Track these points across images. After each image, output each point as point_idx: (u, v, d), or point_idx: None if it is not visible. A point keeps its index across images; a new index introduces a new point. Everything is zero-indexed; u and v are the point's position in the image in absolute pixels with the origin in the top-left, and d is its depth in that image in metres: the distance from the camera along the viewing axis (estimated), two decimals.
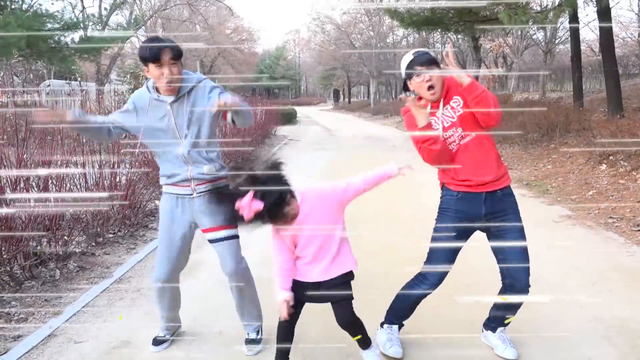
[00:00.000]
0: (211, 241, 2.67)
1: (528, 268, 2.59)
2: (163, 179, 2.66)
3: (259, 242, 3.37)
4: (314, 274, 2.36)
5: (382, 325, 2.80)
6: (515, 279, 2.57)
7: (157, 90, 2.54)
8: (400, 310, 2.75)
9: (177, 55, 2.43)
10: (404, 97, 2.54)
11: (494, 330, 2.74)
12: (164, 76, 2.42)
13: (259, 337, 2.82)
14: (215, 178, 2.61)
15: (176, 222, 2.66)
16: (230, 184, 2.27)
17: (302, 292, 2.39)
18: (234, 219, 2.23)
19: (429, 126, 2.44)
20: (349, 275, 2.40)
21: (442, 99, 2.52)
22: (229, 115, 2.51)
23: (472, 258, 3.67)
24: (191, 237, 2.75)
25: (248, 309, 2.81)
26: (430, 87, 2.48)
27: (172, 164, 2.59)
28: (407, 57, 2.53)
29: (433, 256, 2.60)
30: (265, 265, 2.98)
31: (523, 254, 2.58)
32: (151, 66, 2.42)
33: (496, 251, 2.60)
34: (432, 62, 2.48)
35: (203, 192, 2.61)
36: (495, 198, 2.55)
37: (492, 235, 2.60)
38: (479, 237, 2.65)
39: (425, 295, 2.65)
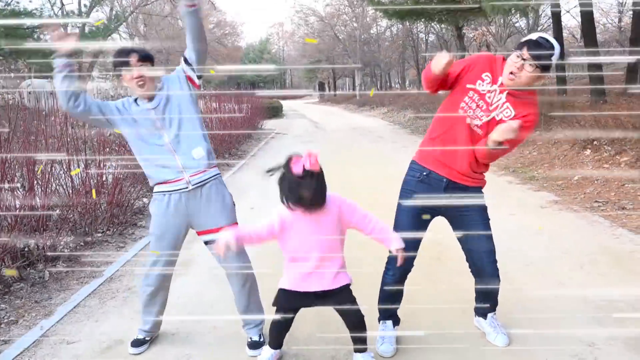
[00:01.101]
0: (208, 243, 2.60)
1: (493, 259, 2.57)
2: (152, 180, 2.60)
3: None
4: (321, 281, 2.33)
5: (378, 321, 2.78)
6: (481, 270, 2.57)
7: (136, 102, 2.56)
8: (383, 302, 2.72)
9: (144, 57, 2.50)
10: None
11: (484, 316, 2.77)
12: (135, 77, 2.47)
13: (262, 340, 2.76)
14: (207, 167, 2.57)
15: (170, 228, 2.60)
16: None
17: (300, 302, 2.39)
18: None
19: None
20: (348, 286, 2.41)
21: (507, 91, 2.37)
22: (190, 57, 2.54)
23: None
24: (182, 241, 2.71)
25: (251, 309, 2.75)
26: (512, 77, 2.32)
27: (160, 160, 2.54)
28: (535, 34, 2.33)
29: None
30: (259, 260, 2.97)
31: (486, 246, 2.54)
32: (124, 71, 2.49)
33: (460, 240, 2.60)
34: (543, 61, 2.26)
35: (198, 184, 2.55)
36: (457, 188, 2.48)
37: (453, 224, 2.59)
38: None
39: (397, 281, 2.62)
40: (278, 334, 2.53)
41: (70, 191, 4.86)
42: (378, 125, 17.80)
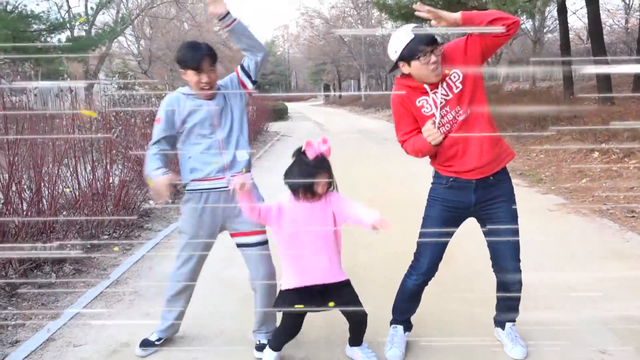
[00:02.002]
0: (241, 245, 2.63)
1: (517, 254, 2.52)
2: (193, 174, 2.55)
3: None
4: (317, 274, 2.34)
5: (390, 324, 2.75)
6: (503, 267, 2.52)
7: (189, 96, 2.57)
8: (400, 306, 2.69)
9: (215, 61, 2.51)
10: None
11: (502, 326, 2.71)
12: (202, 82, 2.48)
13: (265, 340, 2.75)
14: (247, 170, 2.59)
15: (204, 229, 2.60)
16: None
17: (303, 300, 2.37)
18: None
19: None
20: (349, 283, 2.44)
21: (438, 81, 2.36)
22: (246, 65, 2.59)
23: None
24: (212, 245, 2.70)
25: (269, 317, 2.73)
26: (435, 68, 2.30)
27: (206, 155, 2.53)
28: (403, 36, 2.30)
29: (422, 246, 2.56)
30: None
31: (513, 243, 2.50)
32: (190, 72, 2.48)
33: (486, 236, 2.56)
34: (435, 40, 2.29)
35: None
36: (487, 185, 2.44)
37: (482, 221, 2.55)
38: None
39: (418, 287, 2.59)
40: (284, 337, 2.52)
41: (77, 194, 4.86)
42: (383, 127, 17.77)
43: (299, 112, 31.31)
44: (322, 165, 2.30)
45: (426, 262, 2.53)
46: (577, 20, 30.63)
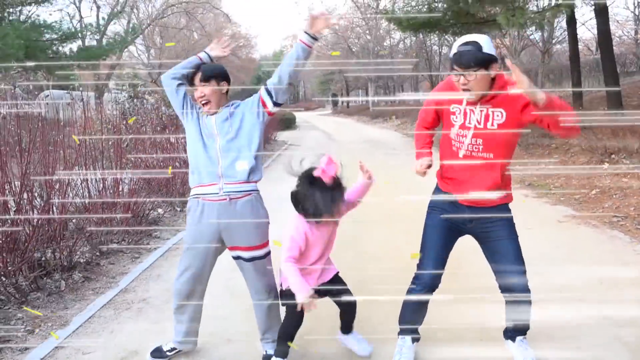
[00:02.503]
0: (238, 258, 2.61)
1: (523, 273, 2.47)
2: (192, 181, 2.61)
3: None
4: (318, 275, 2.47)
5: (398, 335, 2.74)
6: (509, 286, 2.47)
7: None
8: (405, 316, 2.68)
9: (207, 77, 2.56)
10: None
11: (513, 339, 2.68)
12: (196, 96, 2.59)
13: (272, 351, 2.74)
14: (245, 181, 2.53)
15: (201, 239, 2.57)
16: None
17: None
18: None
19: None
20: (338, 273, 2.64)
21: (480, 101, 2.30)
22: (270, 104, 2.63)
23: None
24: (215, 256, 2.66)
25: (272, 324, 2.72)
26: (466, 90, 2.26)
27: (203, 163, 2.54)
28: (455, 45, 2.26)
29: (423, 257, 2.55)
30: None
31: (515, 258, 2.45)
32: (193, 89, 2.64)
33: (487, 257, 2.55)
34: (476, 63, 2.18)
35: (231, 193, 2.50)
36: (483, 210, 2.45)
37: (480, 241, 2.55)
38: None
39: (422, 297, 2.57)
40: (289, 333, 2.56)
41: (87, 202, 4.90)
42: (391, 137, 17.77)
43: (307, 121, 31.39)
44: (339, 186, 2.35)
45: (430, 274, 2.51)
46: (586, 31, 30.56)
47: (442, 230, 2.51)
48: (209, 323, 3.23)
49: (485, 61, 2.20)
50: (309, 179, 2.32)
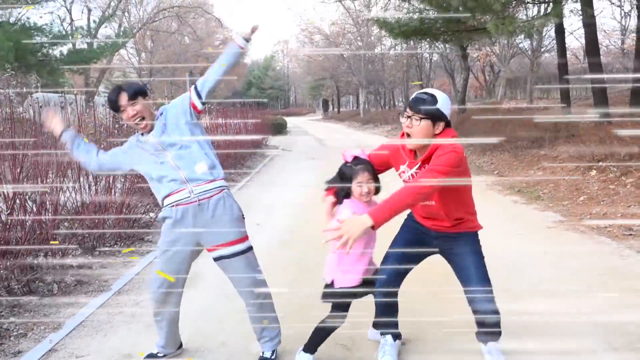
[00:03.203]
0: (220, 258, 2.61)
1: (489, 298, 2.51)
2: (160, 195, 2.63)
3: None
4: (364, 272, 2.51)
5: (380, 334, 2.83)
6: (477, 308, 2.52)
7: (142, 134, 2.68)
8: (378, 317, 2.79)
9: (134, 94, 2.58)
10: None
11: (485, 342, 2.73)
12: (130, 116, 2.59)
13: (273, 357, 2.75)
14: (211, 179, 2.58)
15: (177, 243, 2.59)
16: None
17: (353, 295, 2.53)
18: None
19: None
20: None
21: (420, 161, 2.41)
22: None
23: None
24: (191, 262, 2.69)
25: (264, 324, 2.73)
26: (407, 135, 2.42)
27: (166, 176, 2.57)
28: (417, 92, 2.43)
29: (383, 261, 2.65)
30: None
31: (480, 278, 2.50)
32: (121, 114, 2.64)
33: (455, 274, 2.62)
34: (425, 112, 2.33)
35: (202, 193, 2.54)
36: (448, 238, 2.55)
37: (446, 258, 2.64)
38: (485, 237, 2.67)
39: (384, 299, 2.65)
40: (324, 336, 2.64)
41: (79, 205, 4.89)
42: (382, 142, 17.85)
43: (298, 126, 31.46)
44: (360, 162, 2.49)
45: (384, 278, 2.59)
46: (574, 41, 31.02)
47: (408, 237, 2.67)
48: (204, 326, 3.25)
49: (434, 115, 2.34)
50: (340, 168, 2.55)
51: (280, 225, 5.95)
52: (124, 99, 2.56)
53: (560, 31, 12.79)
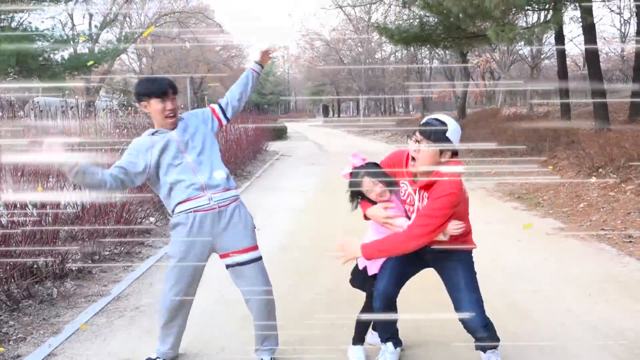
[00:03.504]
0: (234, 265, 2.61)
1: (480, 313, 2.46)
2: (175, 199, 2.58)
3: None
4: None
5: (381, 341, 2.81)
6: (467, 323, 2.49)
7: (153, 134, 2.65)
8: (377, 324, 2.81)
9: (176, 91, 2.67)
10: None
11: (483, 350, 2.71)
12: (167, 109, 2.60)
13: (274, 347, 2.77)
14: (228, 188, 2.63)
15: (193, 250, 2.59)
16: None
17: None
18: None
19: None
20: None
21: (421, 186, 2.42)
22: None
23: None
24: (203, 269, 2.69)
25: (270, 330, 2.74)
26: (413, 159, 2.42)
27: (184, 180, 2.56)
28: (428, 116, 2.44)
29: (380, 271, 2.64)
30: None
31: (469, 290, 2.49)
32: (153, 101, 2.59)
33: (446, 287, 2.61)
34: (434, 139, 2.33)
35: (220, 201, 2.57)
36: (441, 252, 2.52)
37: (438, 272, 2.64)
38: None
39: (382, 305, 2.61)
40: (367, 324, 2.79)
41: (80, 210, 4.89)
42: (382, 149, 17.88)
43: (298, 131, 31.49)
44: (359, 170, 2.59)
45: (382, 284, 2.58)
46: (574, 47, 31.12)
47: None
48: (204, 331, 3.24)
49: (442, 140, 2.35)
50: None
51: (280, 230, 5.95)
52: (170, 89, 2.61)
53: (560, 38, 12.83)
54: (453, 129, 2.36)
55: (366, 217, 2.61)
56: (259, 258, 2.68)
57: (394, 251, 2.36)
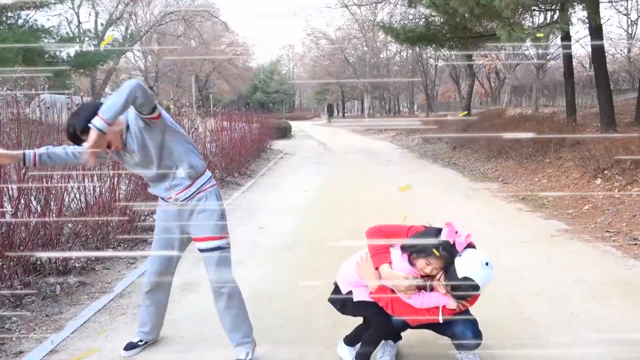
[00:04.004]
0: (200, 250, 2.72)
1: (473, 329, 2.52)
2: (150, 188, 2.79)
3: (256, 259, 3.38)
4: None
5: None
6: (460, 337, 2.54)
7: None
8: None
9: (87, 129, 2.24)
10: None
11: (459, 352, 2.74)
12: (112, 149, 2.51)
13: (248, 358, 2.76)
14: (192, 181, 2.64)
15: (168, 230, 2.75)
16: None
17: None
18: None
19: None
20: None
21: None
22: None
23: None
24: (184, 245, 2.84)
25: (235, 325, 2.77)
26: (421, 276, 2.46)
27: (151, 183, 2.73)
28: (473, 269, 2.34)
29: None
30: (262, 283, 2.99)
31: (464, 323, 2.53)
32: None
33: None
34: (444, 260, 2.40)
35: (186, 198, 2.66)
36: None
37: None
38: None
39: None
40: (375, 343, 2.71)
41: (84, 207, 4.90)
42: (386, 148, 17.86)
43: (302, 130, 31.48)
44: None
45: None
46: (580, 49, 30.99)
47: None
48: (205, 329, 3.24)
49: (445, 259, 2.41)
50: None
51: (283, 229, 5.94)
52: (92, 135, 2.20)
53: (566, 39, 12.76)
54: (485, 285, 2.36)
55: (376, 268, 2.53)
56: (220, 248, 2.67)
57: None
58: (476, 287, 2.33)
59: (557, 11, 10.86)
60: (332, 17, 70.61)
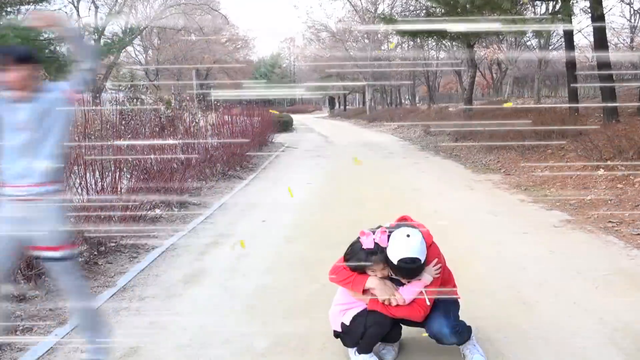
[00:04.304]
0: (41, 259, 2.54)
1: (449, 326, 2.59)
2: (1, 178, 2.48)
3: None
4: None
5: None
6: (437, 333, 2.62)
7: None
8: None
9: (18, 60, 2.37)
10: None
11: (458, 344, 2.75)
12: (8, 79, 2.38)
13: (96, 357, 2.69)
14: (47, 183, 2.44)
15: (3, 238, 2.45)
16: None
17: None
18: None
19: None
20: None
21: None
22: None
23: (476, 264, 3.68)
24: (16, 251, 2.54)
25: (85, 327, 2.71)
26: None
27: (9, 157, 2.43)
28: (400, 254, 2.44)
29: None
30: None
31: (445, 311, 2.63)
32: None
33: None
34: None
35: (34, 195, 2.42)
36: None
37: None
38: (472, 242, 2.66)
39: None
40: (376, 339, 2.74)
41: (85, 201, 4.91)
42: (388, 140, 17.82)
43: (304, 123, 31.44)
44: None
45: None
46: (582, 38, 30.81)
47: None
48: (207, 323, 3.25)
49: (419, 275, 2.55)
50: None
51: (285, 222, 5.94)
52: (9, 59, 2.35)
53: (568, 29, 12.67)
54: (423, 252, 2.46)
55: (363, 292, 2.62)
56: (64, 258, 2.49)
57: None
58: (414, 260, 2.42)
59: (559, 1, 10.79)
60: (333, 10, 70.33)
